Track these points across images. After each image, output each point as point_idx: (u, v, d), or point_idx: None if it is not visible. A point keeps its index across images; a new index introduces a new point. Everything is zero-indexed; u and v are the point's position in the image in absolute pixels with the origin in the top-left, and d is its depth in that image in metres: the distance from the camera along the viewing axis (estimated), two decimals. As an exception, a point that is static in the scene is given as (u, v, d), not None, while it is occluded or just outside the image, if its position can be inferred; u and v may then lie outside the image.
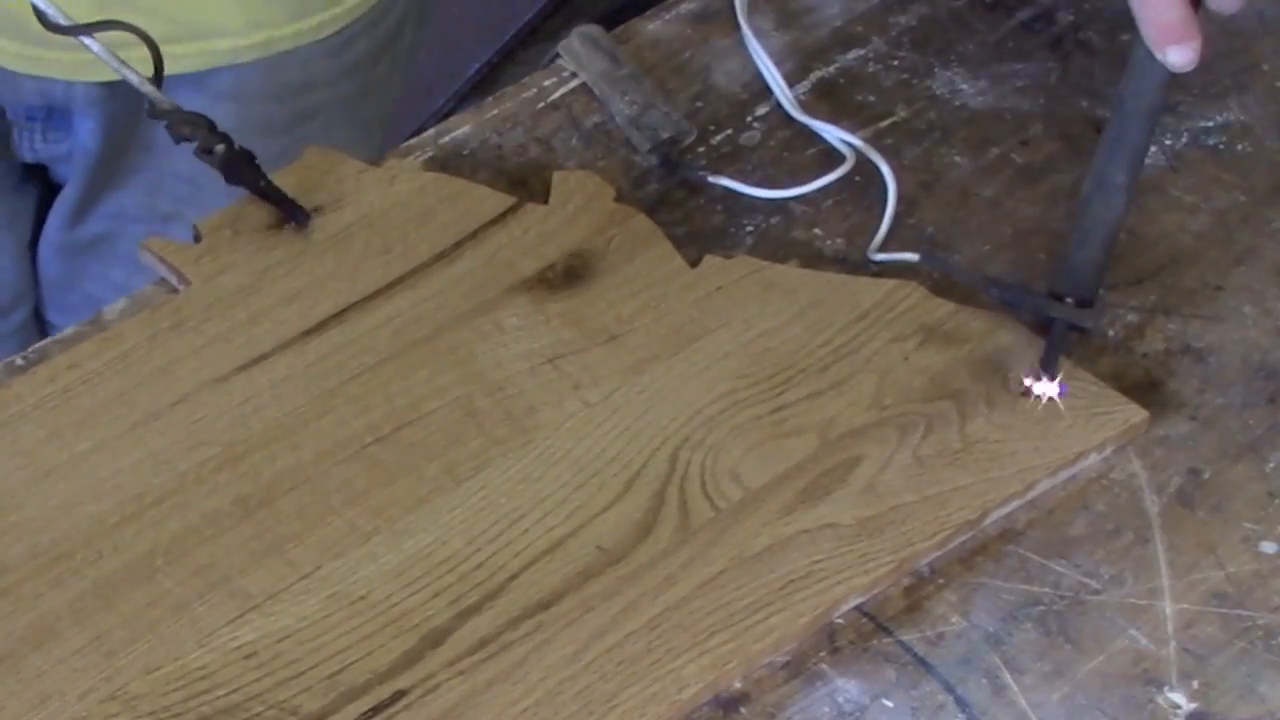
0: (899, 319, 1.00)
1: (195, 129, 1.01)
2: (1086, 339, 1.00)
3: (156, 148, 1.25)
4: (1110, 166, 0.95)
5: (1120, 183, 0.95)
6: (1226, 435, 0.97)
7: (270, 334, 0.99)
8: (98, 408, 0.95)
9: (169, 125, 1.01)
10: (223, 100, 1.23)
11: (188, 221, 1.03)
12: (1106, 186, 0.95)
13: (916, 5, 1.19)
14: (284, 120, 1.27)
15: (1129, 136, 0.95)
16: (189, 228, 1.03)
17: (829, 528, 0.91)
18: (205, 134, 1.01)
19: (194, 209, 1.23)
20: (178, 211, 1.26)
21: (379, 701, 0.85)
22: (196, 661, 0.86)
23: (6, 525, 0.91)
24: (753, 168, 1.09)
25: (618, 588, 0.89)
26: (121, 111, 1.25)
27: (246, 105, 1.24)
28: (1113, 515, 0.94)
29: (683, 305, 1.00)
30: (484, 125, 1.11)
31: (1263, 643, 0.89)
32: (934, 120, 1.12)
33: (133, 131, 1.26)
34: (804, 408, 0.96)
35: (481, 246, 1.03)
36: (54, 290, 1.35)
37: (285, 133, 1.26)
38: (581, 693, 0.86)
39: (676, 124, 1.10)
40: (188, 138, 1.01)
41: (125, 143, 1.27)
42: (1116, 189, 0.96)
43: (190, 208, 1.24)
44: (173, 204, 1.27)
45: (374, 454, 0.94)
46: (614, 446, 0.94)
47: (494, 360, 0.98)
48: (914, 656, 0.89)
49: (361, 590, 0.89)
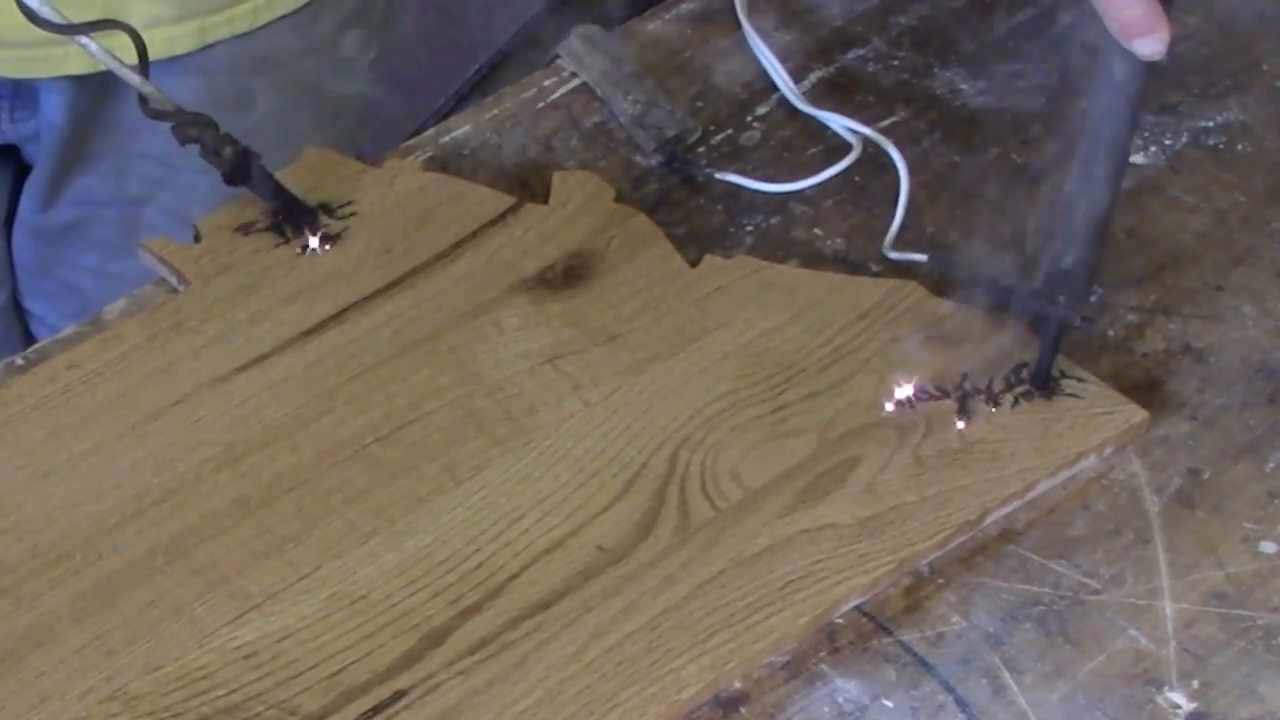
0: (899, 319, 1.00)
1: (202, 131, 1.00)
2: (1087, 339, 1.00)
3: (124, 127, 1.24)
4: (1093, 162, 0.94)
5: (1104, 177, 0.94)
6: (1226, 435, 0.97)
7: (270, 334, 0.99)
8: (98, 408, 0.95)
9: (174, 128, 1.00)
10: (190, 75, 1.22)
11: (160, 204, 1.02)
12: (1090, 181, 0.95)
13: (916, 5, 1.19)
14: (250, 92, 1.25)
15: (1108, 128, 0.94)
16: (162, 211, 1.02)
17: (829, 528, 0.91)
18: (212, 136, 1.00)
19: (166, 191, 1.23)
20: (149, 194, 1.25)
21: (379, 701, 0.85)
22: (196, 661, 0.86)
23: (6, 525, 0.91)
24: (754, 166, 1.09)
25: (618, 588, 0.89)
26: (89, 89, 1.24)
27: (212, 79, 1.23)
28: (1113, 515, 0.94)
29: (683, 305, 1.00)
30: (484, 125, 1.12)
31: (1263, 643, 0.89)
32: (934, 120, 1.12)
33: (100, 110, 1.25)
34: (804, 408, 0.96)
35: (481, 247, 1.03)
36: (29, 276, 1.35)
37: (250, 106, 1.25)
38: (581, 693, 0.86)
39: (680, 122, 1.10)
40: (194, 140, 1.00)
41: (93, 121, 1.26)
42: (1100, 183, 0.94)
43: (162, 190, 1.23)
44: (143, 186, 1.26)
45: (374, 454, 0.94)
46: (614, 446, 0.94)
47: (494, 360, 0.98)
48: (914, 656, 0.89)
49: (361, 590, 0.89)
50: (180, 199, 1.22)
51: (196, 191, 1.19)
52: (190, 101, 1.01)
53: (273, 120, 1.24)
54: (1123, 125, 0.93)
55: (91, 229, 1.29)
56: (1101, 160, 0.94)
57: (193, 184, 1.04)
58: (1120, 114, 0.92)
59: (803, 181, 1.08)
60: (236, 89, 1.23)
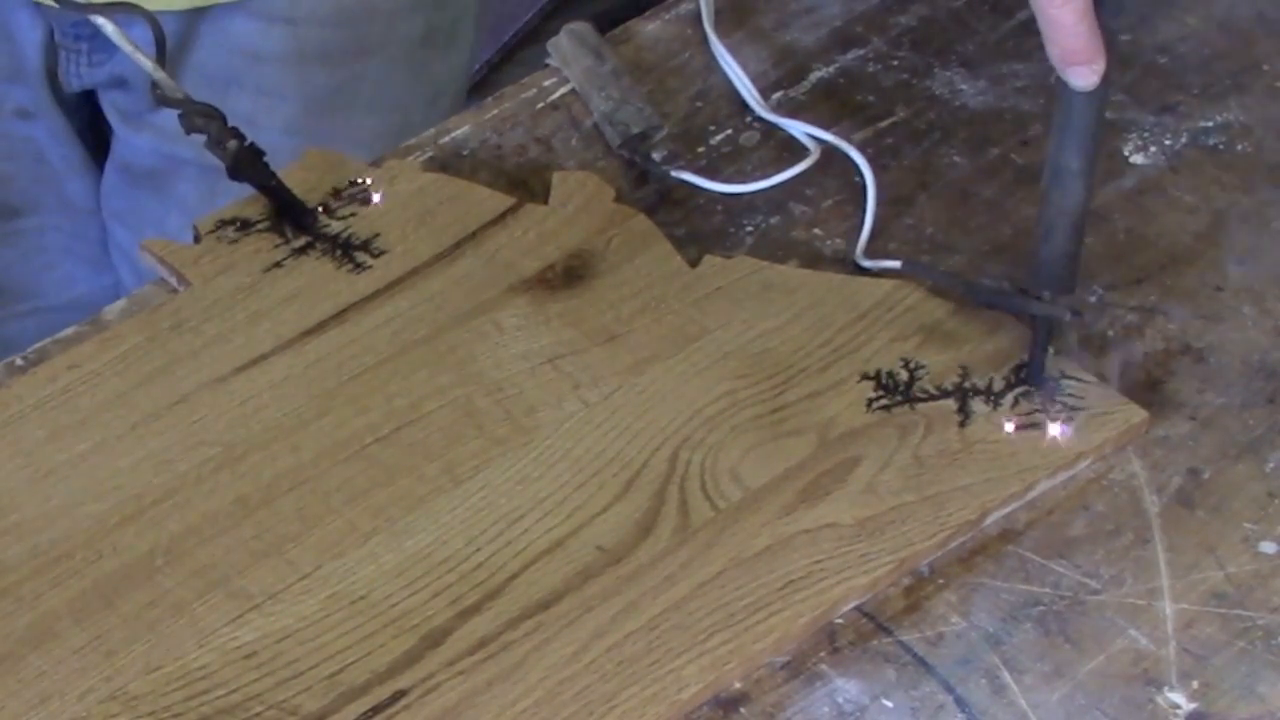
0: (899, 319, 1.00)
1: (209, 121, 1.00)
2: (1088, 339, 1.00)
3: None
4: (1063, 154, 0.94)
5: (1076, 169, 0.94)
6: (1226, 435, 0.97)
7: (270, 334, 0.99)
8: (98, 408, 0.95)
9: (181, 116, 1.00)
10: (277, 24, 1.21)
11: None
12: (1062, 175, 0.94)
13: (916, 5, 1.19)
14: (342, 49, 1.24)
15: (1076, 121, 0.93)
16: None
17: (829, 528, 0.91)
18: (218, 127, 1.00)
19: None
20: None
21: (379, 701, 0.85)
22: (196, 661, 0.86)
23: (6, 525, 0.91)
24: (752, 168, 1.09)
25: (618, 588, 0.89)
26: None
27: (303, 28, 1.22)
28: (1112, 515, 0.94)
29: (683, 305, 1.00)
30: (484, 125, 1.11)
31: (1262, 643, 0.89)
32: (934, 120, 1.12)
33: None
34: (804, 408, 0.96)
35: (481, 247, 1.03)
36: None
37: (343, 65, 1.24)
38: (581, 693, 0.85)
39: (647, 119, 1.10)
40: (200, 130, 1.00)
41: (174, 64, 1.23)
42: (1073, 176, 0.94)
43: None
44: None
45: (374, 454, 0.94)
46: (614, 446, 0.94)
47: (494, 360, 0.98)
48: (914, 656, 0.89)
49: (361, 590, 0.89)
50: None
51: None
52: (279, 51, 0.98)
53: (365, 84, 1.22)
54: (1090, 118, 0.93)
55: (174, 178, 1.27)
56: (1074, 153, 0.94)
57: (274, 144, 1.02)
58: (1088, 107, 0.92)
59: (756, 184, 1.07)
60: (323, 39, 1.21)
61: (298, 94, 1.23)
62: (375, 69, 1.25)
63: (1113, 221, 1.07)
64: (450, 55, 1.30)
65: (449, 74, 1.31)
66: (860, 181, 1.08)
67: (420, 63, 1.28)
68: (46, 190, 1.32)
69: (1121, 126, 1.11)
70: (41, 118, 1.28)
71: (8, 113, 1.27)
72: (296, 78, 1.22)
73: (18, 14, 1.23)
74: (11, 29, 1.24)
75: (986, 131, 1.12)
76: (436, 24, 1.27)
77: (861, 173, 1.08)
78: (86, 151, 1.31)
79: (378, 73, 1.25)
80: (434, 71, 1.29)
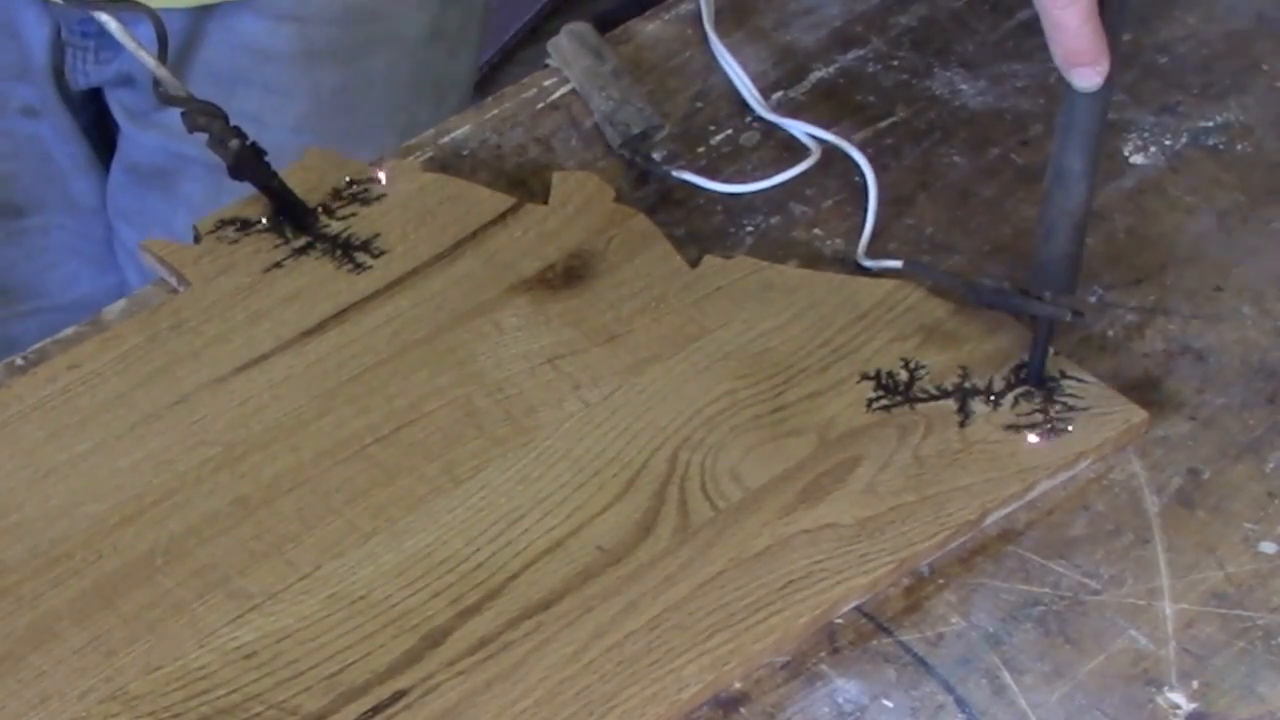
0: (899, 319, 1.00)
1: (211, 120, 1.00)
2: (1087, 339, 1.00)
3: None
4: (1066, 155, 0.94)
5: (1078, 170, 0.94)
6: (1226, 435, 0.97)
7: (270, 334, 0.99)
8: (98, 408, 0.95)
9: (184, 115, 1.00)
10: (285, 22, 1.21)
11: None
12: (1065, 176, 0.94)
13: (916, 5, 1.19)
14: (350, 47, 1.24)
15: (1080, 122, 0.93)
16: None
17: (829, 528, 0.91)
18: (221, 126, 1.00)
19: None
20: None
21: (379, 701, 0.85)
22: (196, 661, 0.86)
23: (6, 525, 0.91)
24: (752, 168, 1.09)
25: (618, 588, 0.89)
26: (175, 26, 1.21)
27: (310, 27, 1.22)
28: (1112, 515, 0.94)
29: (683, 305, 1.00)
30: (484, 125, 1.12)
31: (1262, 643, 0.89)
32: (934, 120, 1.12)
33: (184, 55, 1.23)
34: (804, 408, 0.96)
35: (481, 247, 1.03)
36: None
37: (351, 63, 1.24)
38: (581, 693, 0.85)
39: (648, 119, 1.10)
40: (202, 129, 1.00)
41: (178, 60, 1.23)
42: (1075, 177, 0.94)
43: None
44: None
45: (374, 454, 0.94)
46: (614, 446, 0.94)
47: (494, 360, 0.98)
48: (914, 656, 0.89)
49: (361, 590, 0.89)
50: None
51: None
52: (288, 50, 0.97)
53: (371, 82, 1.22)
54: (1093, 118, 0.93)
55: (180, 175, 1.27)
56: (1077, 154, 0.94)
57: (281, 144, 1.01)
58: (1092, 108, 0.92)
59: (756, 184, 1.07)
60: (330, 36, 1.21)
61: (305, 92, 1.23)
62: (383, 67, 1.25)
63: (1113, 221, 1.07)
64: (458, 54, 1.30)
65: (456, 73, 1.31)
66: (860, 181, 1.08)
67: (428, 61, 1.28)
68: (51, 189, 1.32)
69: (1121, 126, 1.11)
70: (47, 116, 1.28)
71: (13, 111, 1.27)
72: (304, 76, 1.22)
73: (24, 11, 1.23)
74: (18, 26, 1.24)
75: (986, 131, 1.12)
76: (444, 23, 1.27)
77: (862, 173, 1.08)
78: (92, 150, 1.31)
79: (385, 71, 1.25)
80: (441, 70, 1.29)
